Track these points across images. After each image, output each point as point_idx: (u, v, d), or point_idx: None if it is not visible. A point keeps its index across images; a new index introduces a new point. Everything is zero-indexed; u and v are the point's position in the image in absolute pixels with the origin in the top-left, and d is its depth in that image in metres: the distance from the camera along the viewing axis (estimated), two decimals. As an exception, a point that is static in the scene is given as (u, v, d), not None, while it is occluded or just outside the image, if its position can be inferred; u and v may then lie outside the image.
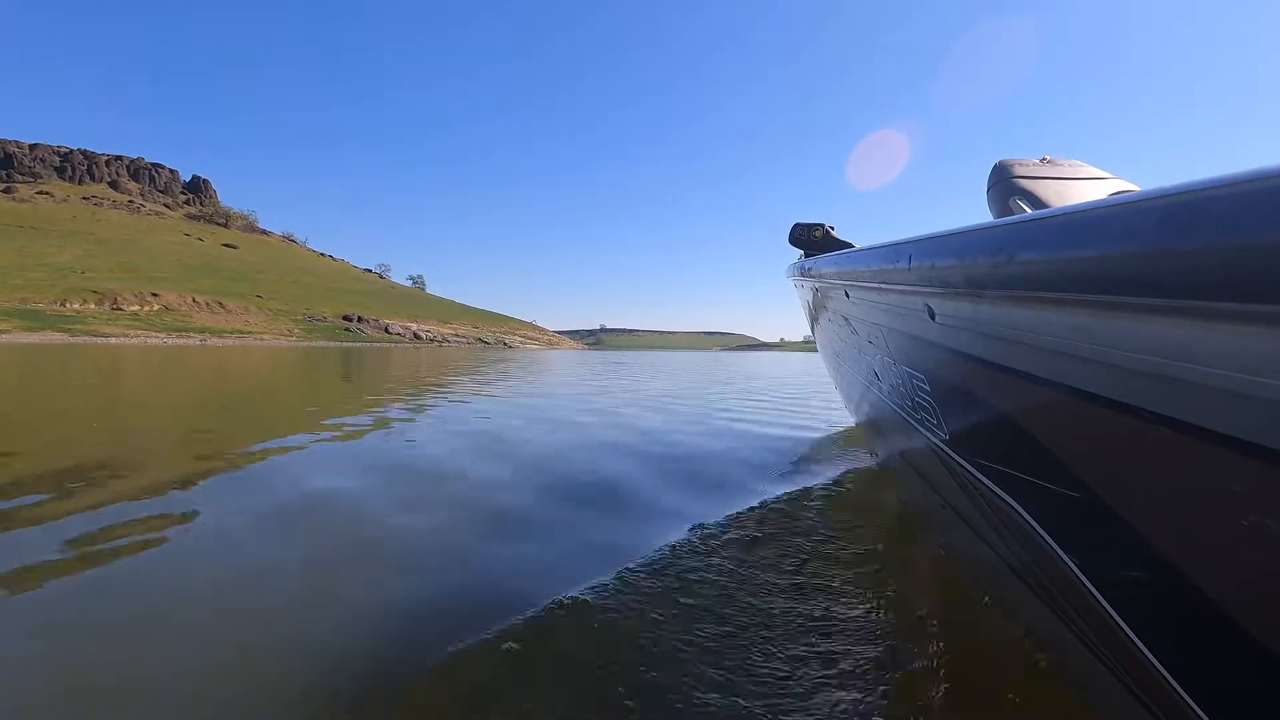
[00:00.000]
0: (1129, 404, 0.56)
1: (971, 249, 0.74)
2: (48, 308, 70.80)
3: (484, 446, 4.10)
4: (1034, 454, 0.80)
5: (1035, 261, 0.61)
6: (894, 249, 1.03)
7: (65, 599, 1.66)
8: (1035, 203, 1.90)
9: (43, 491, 2.65)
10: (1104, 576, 0.73)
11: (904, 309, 1.09)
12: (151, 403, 6.61)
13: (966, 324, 0.83)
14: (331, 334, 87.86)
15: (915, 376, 1.23)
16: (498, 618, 1.54)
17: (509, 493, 2.88)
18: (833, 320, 2.21)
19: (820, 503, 2.58)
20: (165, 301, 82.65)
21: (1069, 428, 0.70)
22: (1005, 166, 2.08)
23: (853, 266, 1.46)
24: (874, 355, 1.63)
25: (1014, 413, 0.83)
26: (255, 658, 1.39)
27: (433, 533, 2.27)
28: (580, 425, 5.32)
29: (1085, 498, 0.70)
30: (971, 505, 1.13)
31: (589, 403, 7.32)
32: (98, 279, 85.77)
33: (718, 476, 3.29)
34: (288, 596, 1.72)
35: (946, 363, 1.00)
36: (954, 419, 1.09)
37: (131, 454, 3.58)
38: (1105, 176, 2.08)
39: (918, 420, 1.34)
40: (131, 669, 1.34)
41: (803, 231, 2.65)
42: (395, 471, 3.28)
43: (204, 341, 63.41)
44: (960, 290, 0.79)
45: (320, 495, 2.74)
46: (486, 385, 9.72)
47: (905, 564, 1.97)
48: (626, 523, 2.44)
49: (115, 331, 65.31)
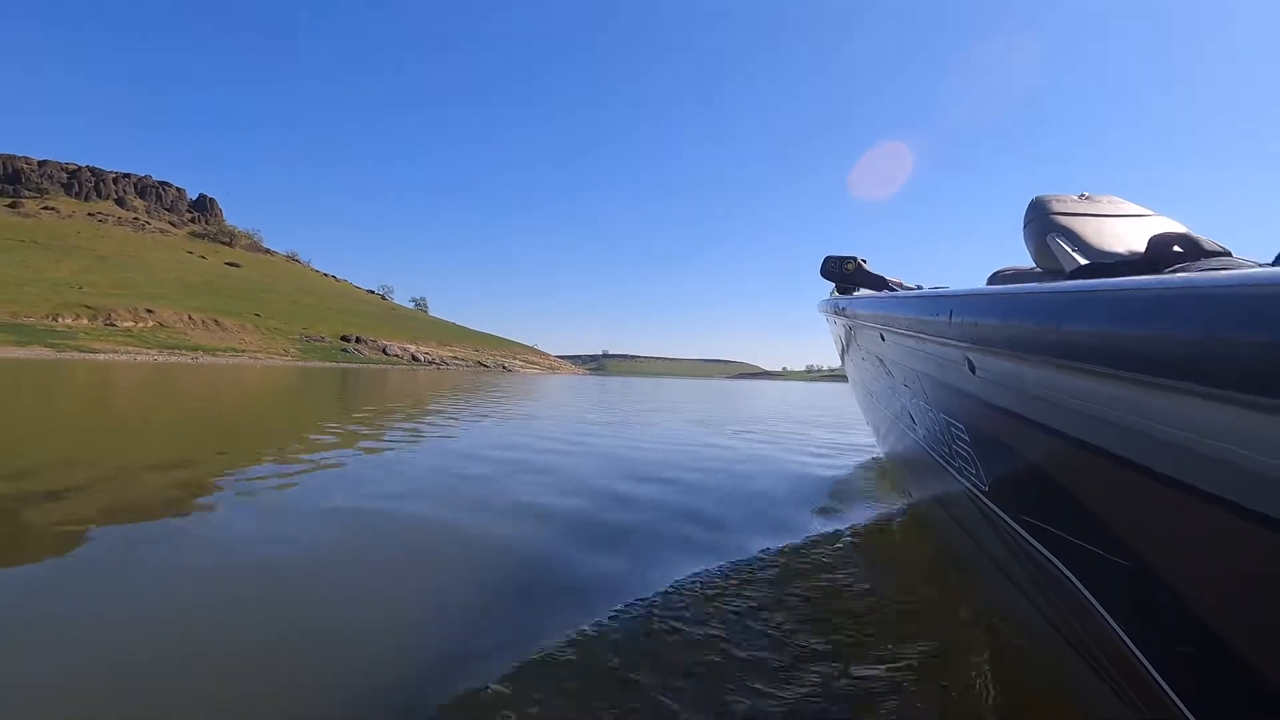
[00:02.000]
0: (1178, 479, 0.55)
1: (1017, 311, 0.73)
2: (38, 322, 69.48)
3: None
4: (1079, 516, 0.78)
5: (1083, 333, 0.59)
6: (935, 301, 1.03)
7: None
8: (1073, 240, 1.77)
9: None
10: (1154, 647, 0.70)
11: (943, 359, 1.08)
12: (82, 425, 5.45)
13: (1009, 381, 0.81)
14: (328, 354, 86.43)
15: (954, 425, 1.21)
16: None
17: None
18: (866, 359, 2.25)
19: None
20: (160, 318, 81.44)
21: (1116, 494, 0.68)
22: (1042, 203, 2.02)
23: (890, 313, 1.46)
24: (909, 398, 1.62)
25: (1058, 473, 0.81)
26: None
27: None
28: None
29: (1133, 566, 0.68)
30: (1010, 557, 1.09)
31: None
32: (94, 295, 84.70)
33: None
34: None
35: (987, 416, 0.98)
36: (994, 471, 1.07)
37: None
38: (1146, 214, 1.99)
39: (955, 468, 1.31)
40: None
41: (835, 264, 2.62)
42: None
43: (197, 359, 62.06)
44: (1003, 351, 0.77)
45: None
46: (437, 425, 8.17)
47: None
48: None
49: (106, 348, 63.94)
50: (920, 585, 2.09)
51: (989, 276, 2.30)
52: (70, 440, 4.88)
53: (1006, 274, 2.23)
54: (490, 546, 2.48)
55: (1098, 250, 1.67)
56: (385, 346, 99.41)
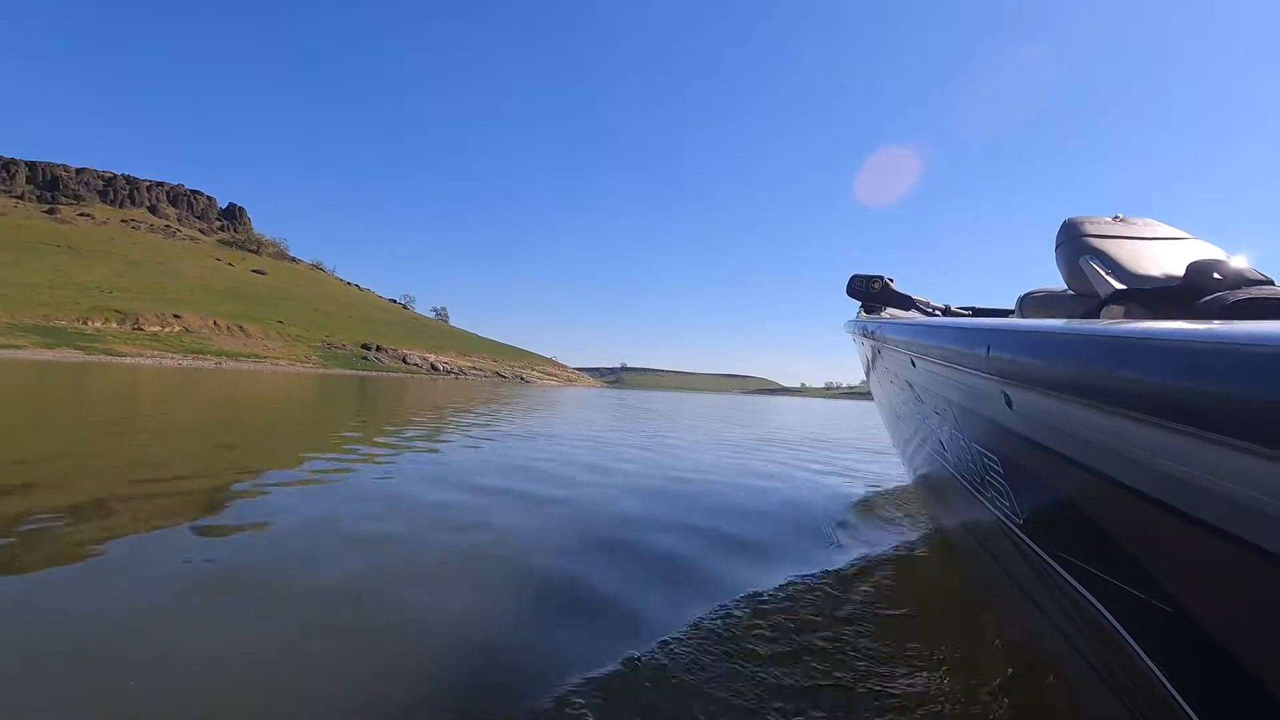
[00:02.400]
0: (1227, 530, 0.53)
1: (1059, 352, 0.70)
2: (69, 325, 70.96)
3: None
4: (1119, 558, 0.75)
5: (1129, 380, 0.57)
6: (970, 333, 1.01)
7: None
8: (1107, 263, 1.73)
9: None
10: (1195, 693, 0.67)
11: (977, 390, 1.05)
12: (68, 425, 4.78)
13: (1048, 418, 0.78)
14: (348, 362, 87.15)
15: (986, 456, 1.18)
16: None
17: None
18: (895, 383, 2.18)
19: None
20: (186, 323, 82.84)
21: (1158, 540, 0.65)
22: (1075, 224, 1.96)
23: (922, 341, 1.44)
24: (940, 426, 1.59)
25: (1099, 515, 0.78)
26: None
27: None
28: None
29: (1177, 613, 0.65)
30: (1045, 592, 1.06)
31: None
32: (124, 299, 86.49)
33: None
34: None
35: (1023, 451, 0.94)
36: (1029, 505, 1.04)
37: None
38: (1183, 237, 1.90)
39: (987, 498, 1.27)
40: None
41: (861, 283, 2.54)
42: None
43: (219, 365, 62.79)
44: (1043, 389, 0.74)
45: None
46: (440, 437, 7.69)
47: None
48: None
49: (132, 351, 65.04)
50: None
51: (1019, 299, 2.23)
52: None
53: (1038, 296, 2.14)
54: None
55: (1133, 274, 1.63)
56: (405, 355, 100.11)
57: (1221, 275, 1.33)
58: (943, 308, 2.57)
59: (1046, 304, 2.10)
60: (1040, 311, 2.11)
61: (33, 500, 2.79)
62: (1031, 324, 0.83)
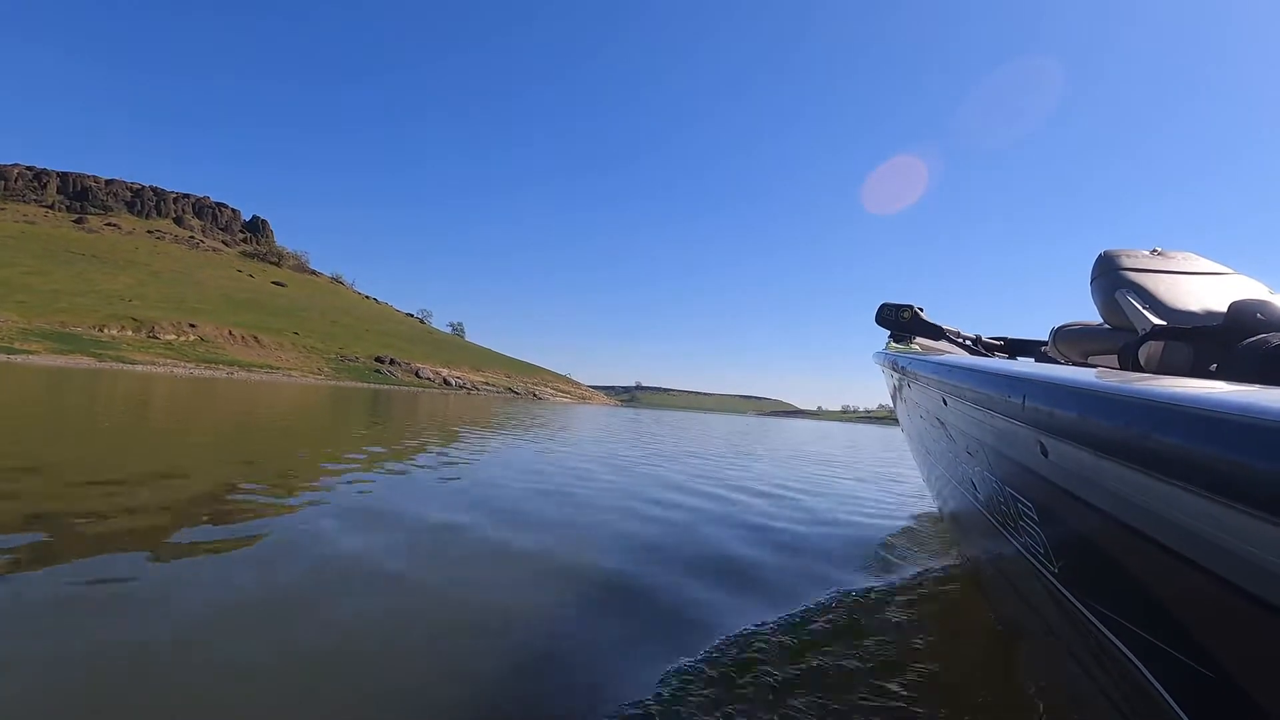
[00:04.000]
0: (1262, 598, 0.52)
1: (1099, 411, 0.68)
2: (85, 332, 71.07)
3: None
4: (1156, 615, 0.74)
5: (1171, 447, 0.54)
6: (1006, 380, 0.98)
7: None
8: (1145, 298, 1.75)
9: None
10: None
11: (1012, 436, 1.02)
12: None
13: (1085, 471, 0.75)
14: (361, 375, 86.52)
15: (1020, 502, 1.15)
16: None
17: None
18: (925, 419, 2.13)
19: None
20: (202, 333, 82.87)
21: (1199, 602, 0.64)
22: (1111, 257, 1.97)
23: (955, 382, 1.38)
24: (971, 466, 1.54)
25: (1132, 569, 0.77)
26: None
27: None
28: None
29: (1218, 677, 0.65)
30: (1078, 639, 1.03)
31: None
32: (142, 308, 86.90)
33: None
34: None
35: (1058, 499, 0.91)
36: (1063, 554, 1.01)
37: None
38: (1224, 272, 1.92)
39: (1021, 544, 1.23)
40: None
41: (890, 312, 2.50)
42: None
43: (231, 375, 62.30)
44: (1080, 444, 0.72)
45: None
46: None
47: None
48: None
49: (145, 359, 64.79)
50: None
51: (1052, 331, 2.22)
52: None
53: (1072, 329, 2.14)
54: None
55: (1172, 310, 1.62)
56: (418, 369, 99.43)
57: (1265, 316, 1.32)
58: (974, 338, 2.54)
59: (1081, 338, 2.08)
60: (1074, 346, 2.09)
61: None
62: (1068, 375, 0.82)
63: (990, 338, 2.66)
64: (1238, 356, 1.20)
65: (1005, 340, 2.79)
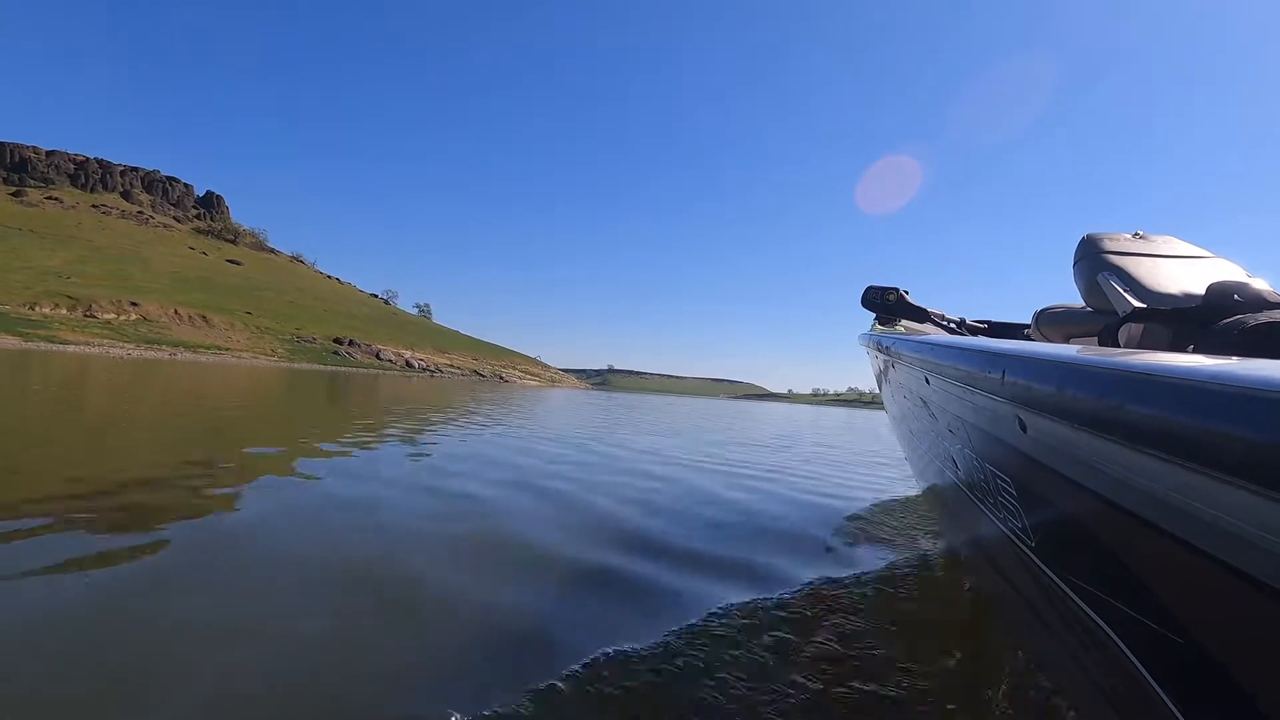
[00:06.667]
0: (1236, 566, 0.53)
1: (1076, 382, 0.69)
2: (13, 310, 65.96)
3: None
4: (1132, 588, 0.76)
5: (1145, 417, 0.56)
6: (985, 357, 0.99)
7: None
8: (1126, 280, 1.77)
9: None
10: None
11: (992, 413, 1.04)
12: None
13: (1062, 445, 0.77)
14: (318, 357, 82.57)
15: (1000, 477, 1.17)
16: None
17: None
18: (908, 399, 2.17)
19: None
20: (144, 312, 78.04)
21: (1174, 573, 0.65)
22: (1094, 241, 1.99)
23: (936, 360, 1.40)
24: (953, 443, 1.57)
25: (1110, 542, 0.78)
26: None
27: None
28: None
29: (1187, 644, 0.66)
30: (1055, 614, 1.06)
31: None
32: (80, 285, 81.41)
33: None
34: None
35: (1036, 473, 0.94)
36: (1041, 529, 1.03)
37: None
38: (1203, 255, 1.93)
39: (1000, 519, 1.26)
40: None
41: (876, 295, 2.48)
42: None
43: (174, 356, 58.31)
44: (1058, 418, 0.73)
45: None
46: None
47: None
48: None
49: (80, 340, 60.31)
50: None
51: (1035, 314, 2.28)
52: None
53: (1055, 311, 2.19)
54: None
55: (1152, 292, 1.65)
56: (379, 351, 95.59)
57: (1242, 297, 1.34)
58: (958, 320, 2.57)
59: (1063, 320, 2.13)
60: (1056, 328, 2.14)
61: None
62: (1047, 350, 0.82)
63: (975, 321, 2.64)
64: (1214, 336, 1.24)
65: (989, 323, 2.77)
